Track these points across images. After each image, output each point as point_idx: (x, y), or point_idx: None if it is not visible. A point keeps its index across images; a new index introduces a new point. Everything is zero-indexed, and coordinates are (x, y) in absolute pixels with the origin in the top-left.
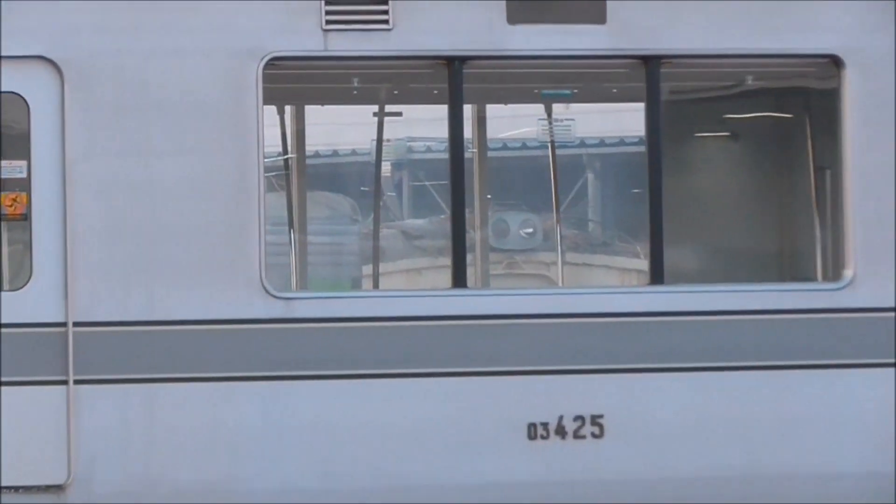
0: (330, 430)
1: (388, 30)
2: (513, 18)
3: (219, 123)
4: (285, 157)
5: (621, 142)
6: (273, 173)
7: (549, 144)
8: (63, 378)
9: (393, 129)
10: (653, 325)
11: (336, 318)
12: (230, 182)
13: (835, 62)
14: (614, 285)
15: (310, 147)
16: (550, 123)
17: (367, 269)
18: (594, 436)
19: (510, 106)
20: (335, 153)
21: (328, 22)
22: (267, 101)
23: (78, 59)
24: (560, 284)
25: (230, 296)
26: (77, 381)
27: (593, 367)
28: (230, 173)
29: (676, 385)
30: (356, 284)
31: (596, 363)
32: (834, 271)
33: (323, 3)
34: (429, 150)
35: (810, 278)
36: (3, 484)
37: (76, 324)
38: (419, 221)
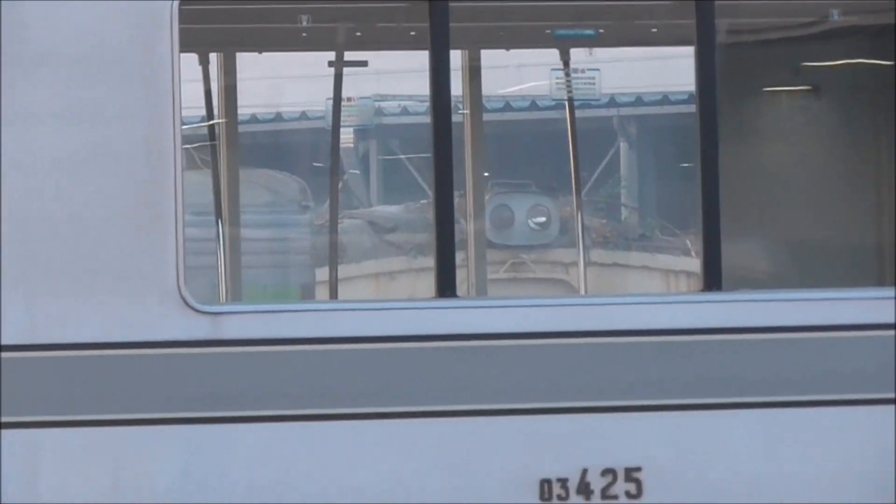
0: (273, 492)
1: None
2: None
3: (119, 79)
4: (210, 122)
5: (664, 99)
6: (194, 145)
7: (567, 104)
8: None
9: (356, 83)
10: (708, 345)
11: (280, 340)
12: (135, 157)
13: None
14: (656, 293)
15: (244, 109)
16: (568, 75)
17: (322, 274)
18: (630, 496)
19: (513, 52)
20: (278, 117)
21: None
22: (185, 48)
23: None
24: (582, 292)
25: (137, 310)
26: None
27: (628, 404)
28: (135, 145)
29: (742, 427)
30: (307, 294)
31: (631, 398)
32: None
33: None
34: (404, 111)
35: None
36: None
37: None
38: (392, 209)
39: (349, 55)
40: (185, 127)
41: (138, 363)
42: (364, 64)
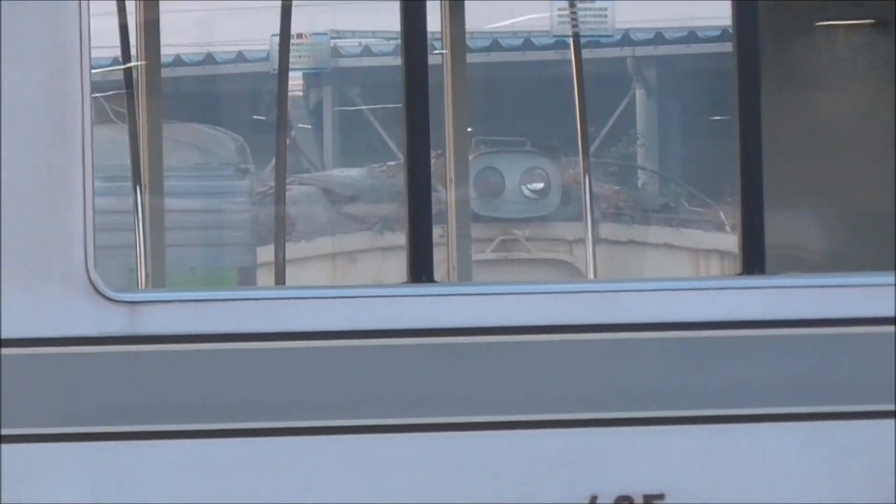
0: None
1: None
2: None
3: (11, 13)
4: (126, 66)
5: (691, 36)
6: (105, 93)
7: (571, 41)
8: None
9: (308, 17)
10: (748, 343)
11: (214, 336)
12: (33, 109)
13: None
14: (682, 277)
15: (167, 49)
16: (573, 6)
17: (266, 253)
18: None
19: None
20: (210, 59)
21: None
22: None
23: None
24: (590, 276)
25: (35, 300)
26: None
27: (647, 416)
28: (32, 95)
29: (792, 446)
30: (247, 278)
31: (651, 408)
32: None
33: None
34: (367, 51)
35: None
36: None
37: None
38: (352, 173)
39: None
40: (94, 72)
41: (37, 365)
42: None
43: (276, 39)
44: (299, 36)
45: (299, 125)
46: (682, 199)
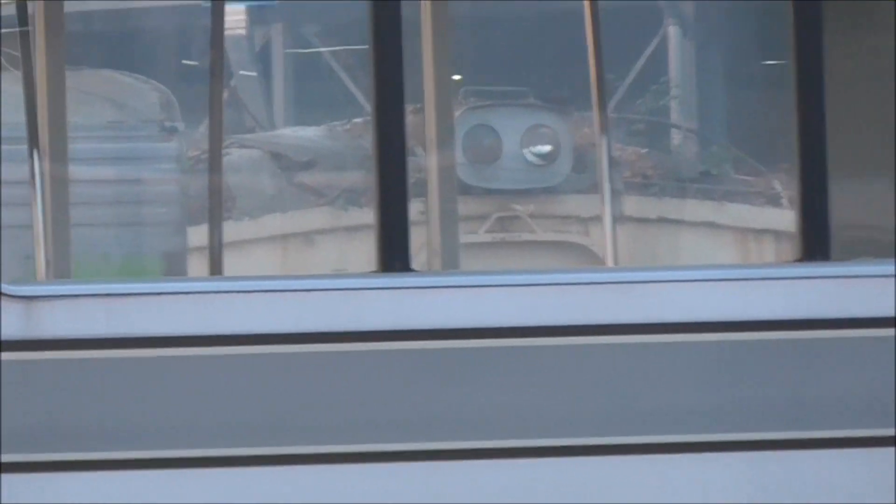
0: None
1: None
2: None
3: None
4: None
5: None
6: None
7: None
8: None
9: None
10: (809, 346)
11: (133, 339)
12: None
13: None
14: (727, 264)
15: None
16: None
17: (199, 235)
18: None
19: None
20: None
21: None
22: None
23: None
24: (610, 262)
25: None
26: None
27: (682, 440)
28: None
29: (860, 474)
30: (175, 266)
31: (688, 430)
32: None
33: None
34: None
35: None
36: None
37: None
38: (308, 132)
39: None
40: None
41: None
42: None
43: None
44: None
45: (241, 72)
46: (726, 165)
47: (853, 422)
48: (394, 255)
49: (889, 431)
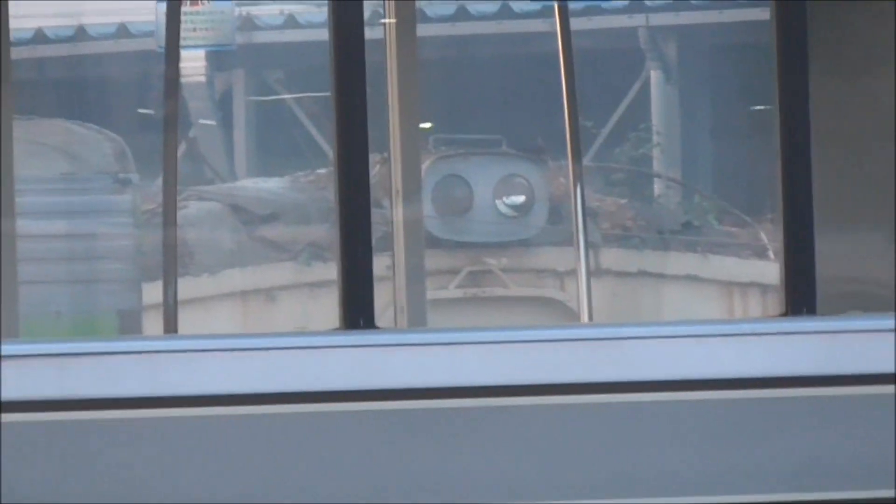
0: None
1: None
2: None
3: None
4: None
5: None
6: None
7: (556, 8)
8: None
9: None
10: (797, 404)
11: (86, 401)
12: None
13: None
14: (712, 319)
15: (20, 21)
16: None
17: (155, 292)
18: None
19: None
20: (80, 33)
21: None
22: None
23: None
24: (584, 319)
25: None
26: None
27: (665, 502)
28: None
29: None
30: (130, 325)
31: (670, 494)
32: None
33: None
34: (291, 22)
35: None
36: None
37: None
38: (270, 184)
39: None
40: None
41: None
42: None
43: (164, 7)
44: (193, 2)
45: (200, 121)
46: (710, 216)
47: (849, 483)
48: (358, 311)
49: (889, 493)
